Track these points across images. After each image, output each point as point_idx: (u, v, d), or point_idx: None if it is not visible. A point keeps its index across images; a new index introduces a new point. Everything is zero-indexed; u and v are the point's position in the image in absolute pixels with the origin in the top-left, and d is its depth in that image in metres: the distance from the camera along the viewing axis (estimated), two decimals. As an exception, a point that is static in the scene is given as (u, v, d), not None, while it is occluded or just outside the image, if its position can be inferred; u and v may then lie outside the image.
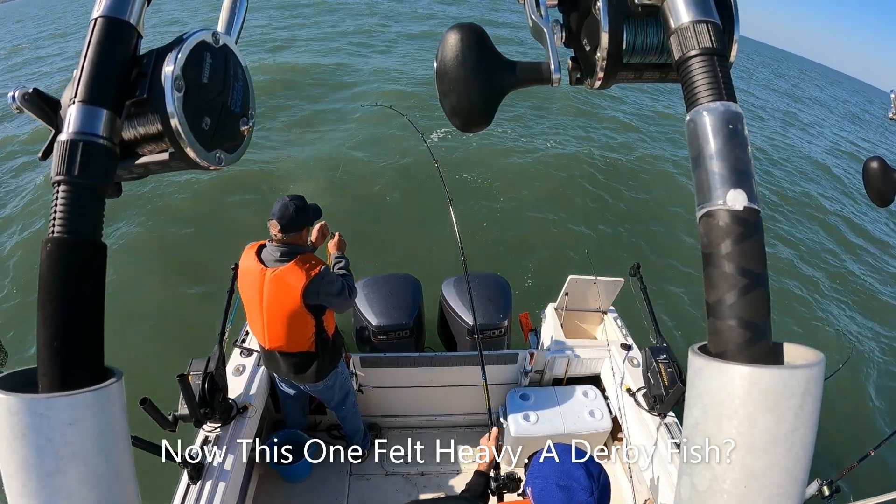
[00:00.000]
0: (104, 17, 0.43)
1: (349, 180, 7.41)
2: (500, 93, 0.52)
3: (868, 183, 0.94)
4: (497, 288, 3.39)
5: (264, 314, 2.31)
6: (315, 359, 2.46)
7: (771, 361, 0.36)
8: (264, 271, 2.24)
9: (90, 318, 0.40)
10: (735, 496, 0.35)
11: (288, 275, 2.21)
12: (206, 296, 4.82)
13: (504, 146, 9.28)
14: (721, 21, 0.42)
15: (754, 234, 0.37)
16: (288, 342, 2.38)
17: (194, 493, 2.02)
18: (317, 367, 2.47)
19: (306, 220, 2.28)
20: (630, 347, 2.97)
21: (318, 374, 2.50)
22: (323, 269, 2.28)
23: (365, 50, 15.82)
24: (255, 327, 2.44)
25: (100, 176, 0.42)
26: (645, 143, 11.05)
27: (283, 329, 2.33)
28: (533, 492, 1.22)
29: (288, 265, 2.22)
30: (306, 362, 2.46)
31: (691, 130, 0.40)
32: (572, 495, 1.14)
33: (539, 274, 5.83)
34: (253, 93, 0.56)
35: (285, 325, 2.32)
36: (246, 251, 2.36)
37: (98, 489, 0.38)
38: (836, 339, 6.01)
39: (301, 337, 2.37)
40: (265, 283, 2.25)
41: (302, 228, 2.28)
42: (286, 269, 2.22)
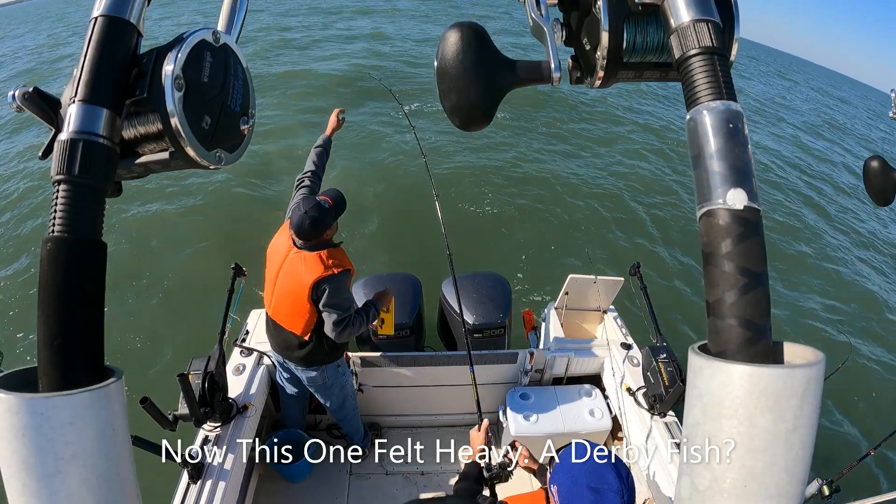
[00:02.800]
0: (104, 16, 0.43)
1: (349, 179, 7.41)
2: (499, 92, 0.52)
3: (868, 182, 0.95)
4: (497, 287, 3.39)
5: (276, 286, 2.37)
6: (307, 345, 2.46)
7: (771, 361, 0.37)
8: (291, 248, 2.30)
9: (90, 318, 0.40)
10: (735, 496, 0.35)
11: (307, 262, 2.24)
12: (206, 295, 4.82)
13: (504, 147, 9.28)
14: (721, 20, 0.43)
15: (754, 234, 0.37)
16: (288, 320, 2.41)
17: (194, 493, 2.02)
18: (308, 352, 2.46)
19: (325, 226, 2.25)
20: (630, 347, 2.97)
21: (308, 361, 2.50)
22: (341, 274, 2.26)
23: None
24: (266, 292, 2.48)
25: (100, 175, 0.42)
26: (644, 143, 11.05)
27: (286, 308, 2.38)
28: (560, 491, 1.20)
29: (313, 253, 2.25)
30: (299, 345, 2.47)
31: (691, 129, 0.40)
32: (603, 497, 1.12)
33: (539, 274, 5.83)
34: (253, 92, 0.56)
35: (289, 305, 2.36)
36: (282, 228, 2.42)
37: (98, 489, 0.38)
38: (837, 338, 6.01)
39: (300, 323, 2.38)
40: (287, 259, 2.30)
41: (322, 234, 2.27)
42: (309, 256, 2.25)
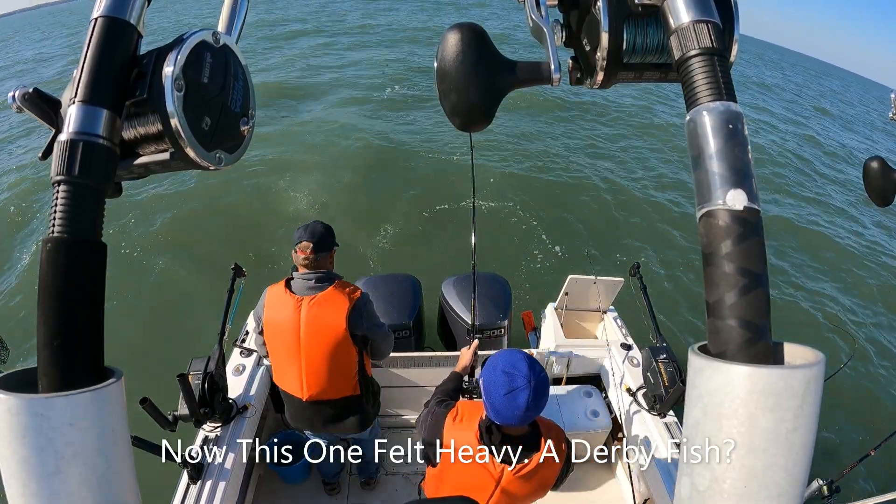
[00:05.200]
0: (104, 16, 0.43)
1: (347, 179, 7.42)
2: (500, 92, 0.52)
3: (868, 183, 0.95)
4: (497, 288, 3.39)
5: (302, 353, 2.03)
6: (359, 403, 2.20)
7: (771, 361, 0.37)
8: (301, 300, 1.99)
9: (90, 318, 0.40)
10: (735, 496, 0.35)
11: (329, 299, 1.99)
12: (207, 296, 4.83)
13: (504, 147, 9.28)
14: (721, 21, 0.43)
15: (754, 234, 0.37)
16: (330, 384, 2.10)
17: (194, 493, 2.02)
18: (362, 412, 2.21)
19: (333, 239, 2.12)
20: (630, 347, 2.97)
21: (364, 422, 2.24)
22: (364, 295, 2.09)
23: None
24: (288, 374, 2.12)
25: (100, 176, 0.42)
26: (645, 142, 11.05)
27: (325, 367, 2.06)
28: (483, 378, 1.43)
29: (327, 290, 2.01)
30: (350, 408, 2.20)
31: (691, 130, 0.40)
32: (513, 379, 1.36)
33: (539, 274, 5.83)
34: (253, 92, 0.56)
35: (327, 361, 2.05)
36: (269, 292, 2.09)
37: (98, 489, 0.38)
38: (837, 338, 6.01)
39: (345, 376, 2.13)
40: (303, 312, 1.98)
41: (331, 249, 2.09)
42: (326, 293, 2.00)
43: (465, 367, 2.05)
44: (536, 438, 1.51)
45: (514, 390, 1.35)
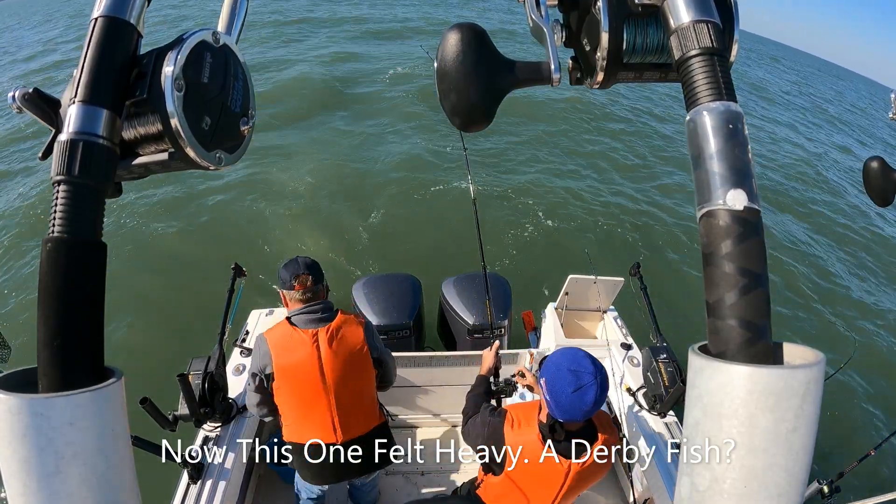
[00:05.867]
0: (104, 16, 0.43)
1: (347, 177, 7.42)
2: (500, 92, 0.52)
3: (868, 182, 0.95)
4: (497, 288, 3.39)
5: (329, 389, 1.89)
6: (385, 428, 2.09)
7: (771, 361, 0.37)
8: (315, 333, 1.87)
9: (90, 318, 0.40)
10: (735, 496, 0.35)
11: (345, 324, 1.94)
12: (206, 296, 4.82)
13: (504, 147, 9.28)
14: (721, 21, 0.43)
15: (754, 234, 0.37)
16: (362, 416, 2.00)
17: (194, 493, 2.02)
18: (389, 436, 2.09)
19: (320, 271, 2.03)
20: (630, 347, 2.97)
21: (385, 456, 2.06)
22: (367, 320, 2.10)
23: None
24: (313, 420, 1.93)
25: (100, 176, 0.42)
26: (646, 141, 11.04)
27: (356, 398, 1.96)
28: (547, 380, 1.47)
29: (337, 318, 1.94)
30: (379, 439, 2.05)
31: (691, 130, 0.40)
32: (580, 377, 1.40)
33: (539, 274, 5.83)
34: (253, 92, 0.56)
35: (358, 390, 1.97)
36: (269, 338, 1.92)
37: (98, 489, 0.38)
38: (837, 339, 6.01)
39: (372, 405, 2.05)
40: (321, 343, 1.87)
41: (324, 277, 2.04)
42: (338, 321, 1.93)
43: (489, 369, 2.05)
44: (593, 429, 1.59)
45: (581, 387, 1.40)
